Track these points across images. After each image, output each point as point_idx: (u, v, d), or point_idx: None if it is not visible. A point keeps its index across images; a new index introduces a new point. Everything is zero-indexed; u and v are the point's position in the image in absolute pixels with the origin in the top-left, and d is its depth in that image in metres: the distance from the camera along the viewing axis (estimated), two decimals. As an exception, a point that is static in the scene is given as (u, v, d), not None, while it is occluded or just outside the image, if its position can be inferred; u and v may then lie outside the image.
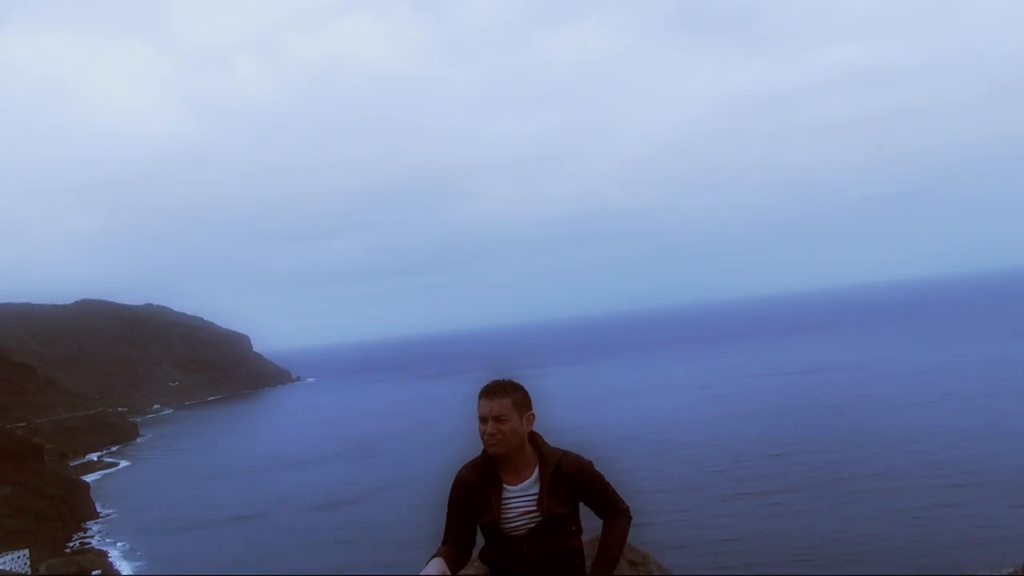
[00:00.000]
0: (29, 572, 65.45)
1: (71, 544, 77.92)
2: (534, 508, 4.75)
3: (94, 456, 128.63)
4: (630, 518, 5.00)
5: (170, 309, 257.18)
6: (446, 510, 4.89)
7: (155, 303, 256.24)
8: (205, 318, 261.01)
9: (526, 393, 4.87)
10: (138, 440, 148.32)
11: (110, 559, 71.57)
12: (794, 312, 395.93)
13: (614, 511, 4.94)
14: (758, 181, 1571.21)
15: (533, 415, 4.86)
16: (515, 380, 4.90)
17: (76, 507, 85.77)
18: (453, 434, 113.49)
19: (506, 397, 4.74)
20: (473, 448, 4.86)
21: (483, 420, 4.73)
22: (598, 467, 4.97)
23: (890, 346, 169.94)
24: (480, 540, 4.91)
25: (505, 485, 4.81)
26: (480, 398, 4.76)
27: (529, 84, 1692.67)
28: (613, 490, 4.96)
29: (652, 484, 72.60)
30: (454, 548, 4.77)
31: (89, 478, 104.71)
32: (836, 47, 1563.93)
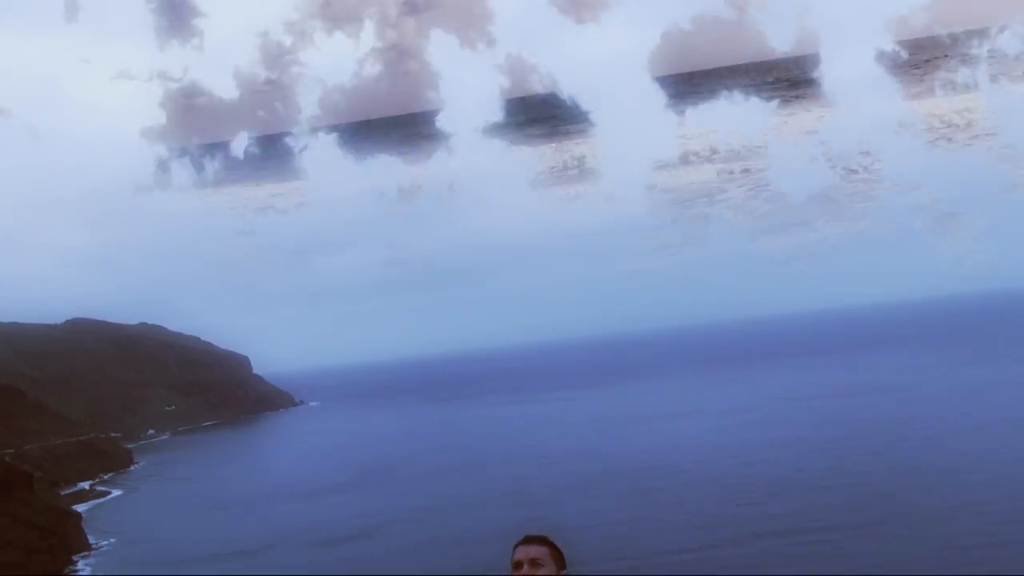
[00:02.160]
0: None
1: (61, 578, 78.43)
2: None
3: (86, 485, 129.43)
4: None
5: (166, 329, 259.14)
6: None
7: (150, 322, 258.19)
8: (202, 338, 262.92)
9: (562, 552, 5.13)
10: (132, 468, 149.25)
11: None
12: (837, 329, 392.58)
13: None
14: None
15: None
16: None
17: (67, 539, 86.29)
18: (464, 463, 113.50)
19: (544, 546, 5.02)
20: (481, 482, 5.10)
21: (517, 565, 4.95)
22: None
23: (942, 365, 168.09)
24: None
25: None
26: (516, 546, 5.05)
27: (547, 84, 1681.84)
28: None
29: (679, 518, 72.18)
30: None
31: (81, 508, 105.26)
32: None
